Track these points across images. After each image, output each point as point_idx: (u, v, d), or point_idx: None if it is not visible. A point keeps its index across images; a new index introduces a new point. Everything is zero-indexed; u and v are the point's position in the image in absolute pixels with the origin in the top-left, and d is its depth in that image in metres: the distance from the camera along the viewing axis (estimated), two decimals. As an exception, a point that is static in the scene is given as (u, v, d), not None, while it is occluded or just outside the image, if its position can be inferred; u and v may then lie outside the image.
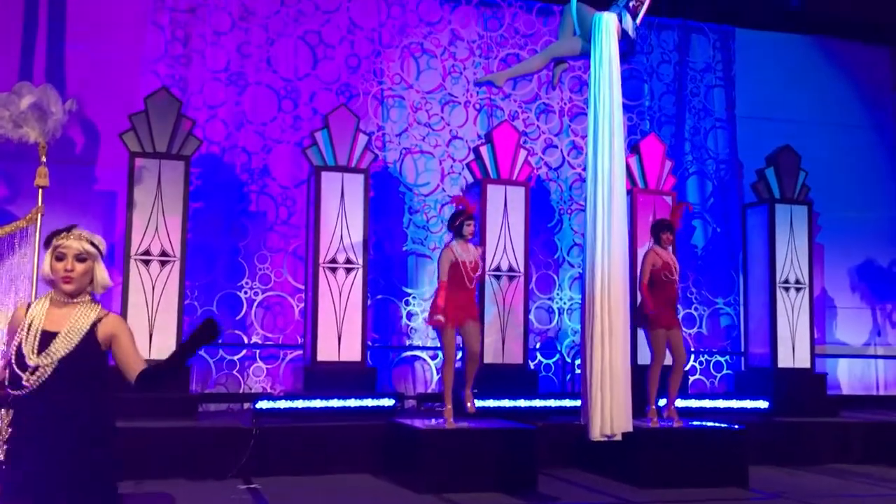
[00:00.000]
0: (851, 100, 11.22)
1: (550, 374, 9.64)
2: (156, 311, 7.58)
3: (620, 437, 5.84)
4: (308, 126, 9.00)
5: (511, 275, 8.65)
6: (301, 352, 8.74)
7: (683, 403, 8.11)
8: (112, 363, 3.15)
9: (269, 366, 8.82)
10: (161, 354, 6.86)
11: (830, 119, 10.99)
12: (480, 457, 6.58)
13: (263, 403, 7.48)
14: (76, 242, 3.11)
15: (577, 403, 6.38)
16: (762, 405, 8.80)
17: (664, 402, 7.43)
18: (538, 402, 8.24)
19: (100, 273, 3.15)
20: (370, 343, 8.60)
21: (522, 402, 8.12)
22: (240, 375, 8.71)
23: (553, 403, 8.29)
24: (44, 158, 7.18)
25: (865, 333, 10.92)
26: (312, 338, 8.08)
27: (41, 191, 7.16)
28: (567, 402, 8.18)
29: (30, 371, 2.98)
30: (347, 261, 8.22)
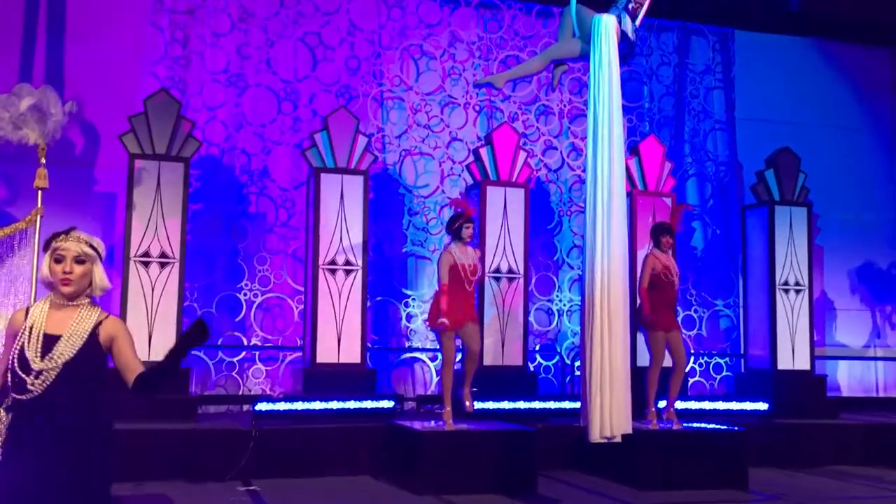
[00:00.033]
0: (851, 102, 11.22)
1: (550, 376, 9.63)
2: (155, 313, 7.58)
3: (620, 439, 5.83)
4: (308, 128, 9.00)
5: (511, 276, 8.65)
6: (300, 353, 8.73)
7: (683, 405, 8.11)
8: (111, 365, 3.15)
9: (269, 367, 8.82)
10: (160, 356, 6.83)
11: (830, 121, 10.99)
12: (480, 459, 6.58)
13: (263, 405, 7.48)
14: (75, 245, 3.11)
15: (577, 405, 6.38)
16: (762, 407, 8.79)
17: (664, 404, 7.43)
18: (538, 404, 8.24)
19: (98, 275, 3.15)
20: (369, 345, 8.60)
21: (522, 404, 8.12)
22: (239, 377, 8.70)
23: (553, 405, 8.30)
24: (43, 160, 7.18)
25: (865, 335, 10.92)
26: (312, 339, 8.07)
27: (40, 192, 7.15)
28: (567, 404, 8.19)
29: (34, 375, 2.98)
30: (347, 262, 8.22)
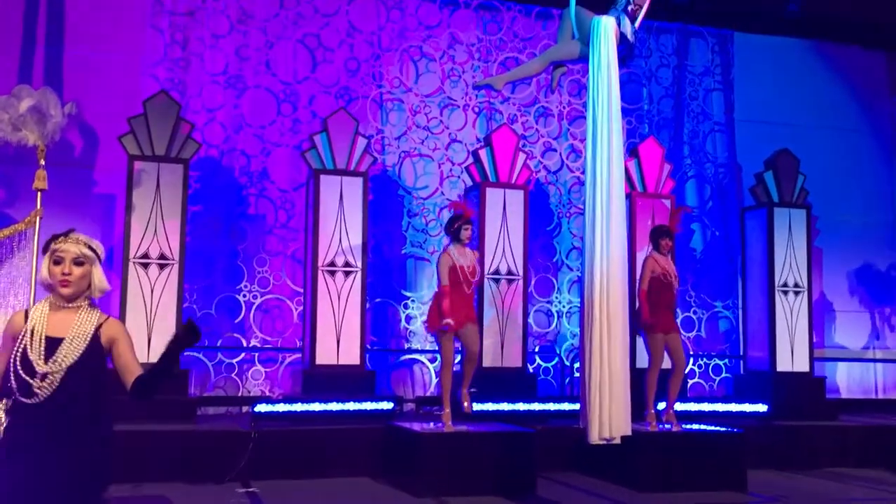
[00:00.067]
0: (849, 103, 11.23)
1: (549, 378, 9.63)
2: (154, 315, 7.58)
3: (619, 441, 5.84)
4: (307, 129, 9.00)
5: (510, 278, 8.65)
6: (300, 355, 8.73)
7: (682, 407, 8.11)
8: (110, 367, 3.15)
9: (268, 369, 8.81)
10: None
11: (828, 123, 11.00)
12: (479, 460, 6.58)
13: (262, 407, 7.47)
14: (74, 246, 3.11)
15: (576, 407, 6.38)
16: (761, 409, 8.80)
17: (663, 406, 7.43)
18: (537, 406, 8.24)
19: (97, 277, 3.15)
20: (369, 346, 8.59)
21: (521, 406, 8.12)
22: (238, 379, 8.70)
23: (552, 407, 8.30)
24: (42, 161, 7.17)
25: (864, 337, 10.92)
26: (311, 341, 8.07)
27: (40, 194, 7.15)
28: (566, 406, 8.19)
29: (39, 378, 2.98)
30: (346, 264, 8.22)
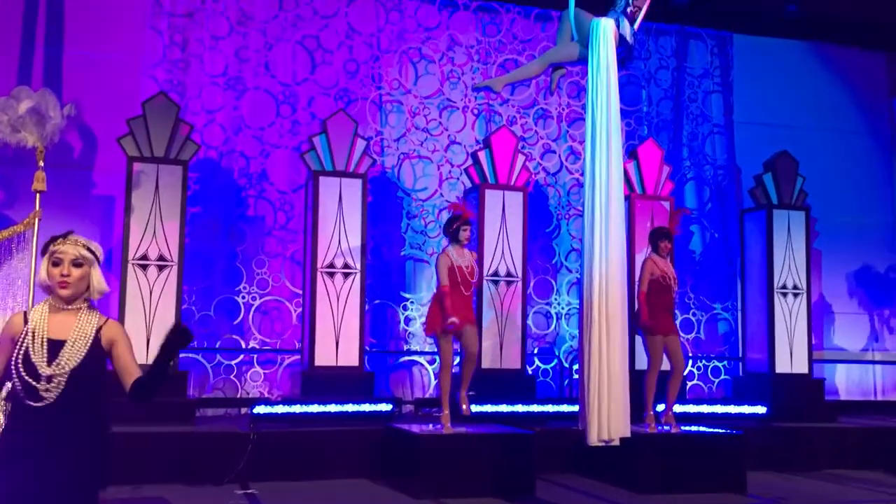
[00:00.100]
0: (848, 105, 11.23)
1: (548, 380, 9.63)
2: (153, 316, 7.57)
3: (618, 443, 5.84)
4: (306, 131, 9.00)
5: (509, 280, 8.65)
6: (299, 356, 8.73)
7: (681, 409, 8.11)
8: (109, 368, 3.15)
9: (267, 371, 8.81)
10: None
11: (828, 124, 11.00)
12: (478, 462, 6.57)
13: (261, 408, 7.47)
14: (72, 248, 3.11)
15: (575, 408, 6.38)
16: (760, 411, 8.80)
17: (662, 408, 7.43)
18: (536, 408, 8.24)
19: (96, 278, 3.15)
20: (368, 348, 8.59)
21: (520, 408, 8.12)
22: (237, 380, 8.70)
23: (551, 408, 8.31)
24: (41, 163, 7.18)
25: (863, 339, 10.92)
26: (310, 342, 8.07)
27: (38, 195, 7.15)
28: (565, 408, 8.20)
29: (45, 381, 2.98)
30: (345, 266, 8.22)
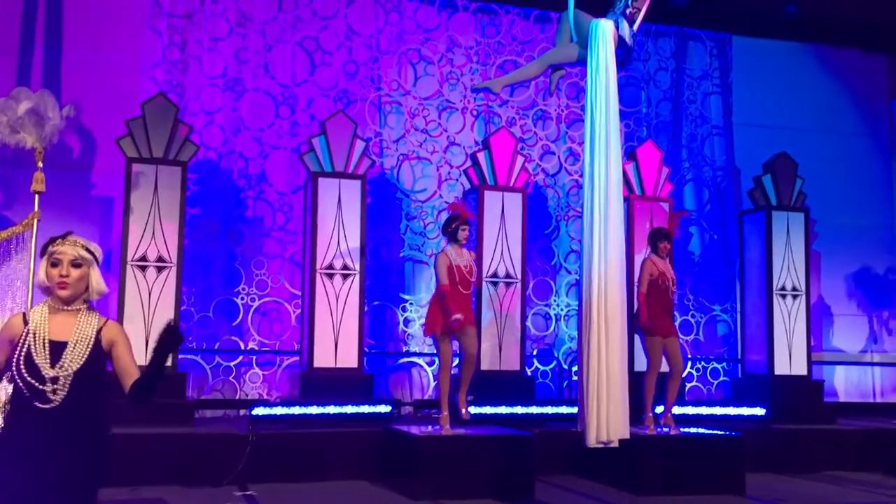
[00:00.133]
0: (848, 107, 11.23)
1: (547, 381, 9.62)
2: (152, 318, 7.55)
3: (617, 444, 5.84)
4: (305, 132, 8.99)
5: (508, 281, 8.65)
6: (297, 358, 8.72)
7: (680, 410, 8.10)
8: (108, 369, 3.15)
9: (266, 372, 8.80)
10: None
11: (827, 126, 11.00)
12: (477, 464, 6.57)
13: (260, 410, 7.47)
14: (71, 248, 3.11)
15: (574, 410, 6.38)
16: (759, 412, 8.80)
17: (661, 410, 7.43)
18: (535, 409, 8.24)
19: (95, 279, 3.15)
20: (367, 349, 8.59)
21: (519, 409, 8.12)
22: (236, 382, 8.69)
23: (550, 410, 8.30)
24: (40, 164, 7.17)
25: (862, 341, 10.92)
26: (309, 344, 8.07)
27: (37, 196, 7.14)
28: (564, 409, 8.19)
29: (51, 383, 2.97)
30: (344, 267, 8.21)
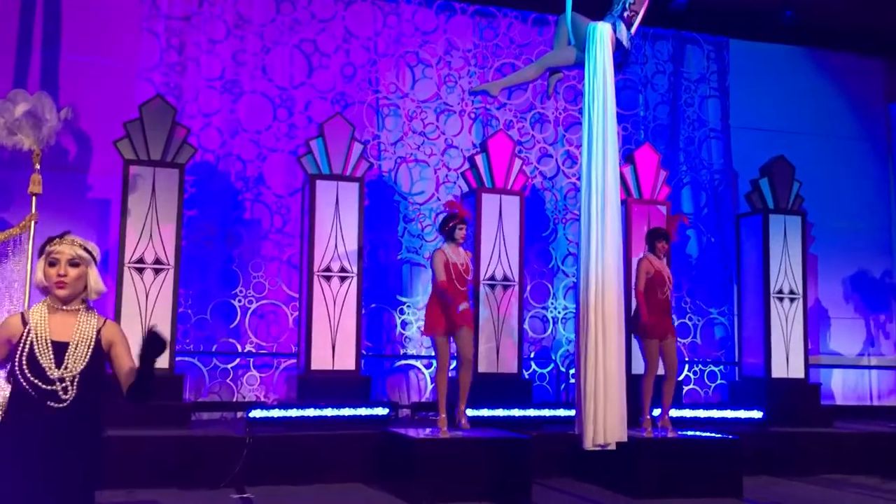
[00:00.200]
0: (845, 111, 11.25)
1: (545, 384, 9.62)
2: (149, 320, 7.54)
3: (614, 447, 5.84)
4: (303, 134, 9.00)
5: (505, 284, 8.65)
6: (295, 360, 8.71)
7: (677, 413, 8.09)
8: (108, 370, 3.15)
9: (263, 374, 8.79)
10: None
11: (824, 130, 11.02)
12: (474, 466, 6.56)
13: (257, 412, 7.46)
14: (69, 248, 3.11)
15: (572, 413, 6.37)
16: (756, 415, 8.80)
17: (658, 412, 7.42)
18: (532, 412, 8.23)
19: (93, 278, 3.15)
20: (364, 352, 8.58)
21: (517, 412, 8.11)
22: (233, 384, 8.68)
23: (547, 413, 8.30)
24: (38, 166, 7.15)
25: (859, 344, 10.93)
26: (306, 346, 8.06)
27: (34, 198, 7.13)
28: (561, 412, 8.18)
29: (58, 382, 2.98)
30: (342, 269, 8.21)
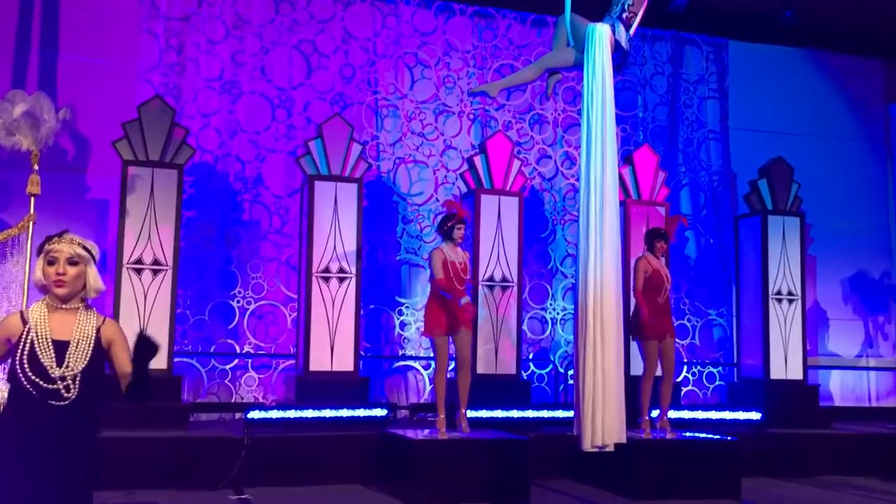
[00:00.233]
0: (844, 112, 11.26)
1: (543, 385, 9.62)
2: (148, 321, 7.54)
3: (612, 448, 5.84)
4: (302, 135, 9.00)
5: (504, 285, 8.64)
6: (293, 361, 8.70)
7: (676, 414, 8.10)
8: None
9: (262, 375, 8.78)
10: (152, 363, 6.81)
11: (823, 131, 11.03)
12: (473, 468, 6.56)
13: (255, 413, 7.45)
14: (67, 246, 3.11)
15: (570, 414, 6.36)
16: (755, 416, 8.80)
17: (657, 413, 7.42)
18: (531, 413, 8.22)
19: (92, 277, 3.15)
20: (363, 353, 8.57)
21: (515, 413, 8.11)
22: (231, 385, 8.67)
23: (546, 414, 8.29)
24: (36, 166, 7.15)
25: (857, 345, 10.94)
26: (305, 347, 8.06)
27: (33, 199, 7.13)
28: (560, 413, 8.18)
29: (60, 381, 2.98)
30: (340, 270, 8.21)
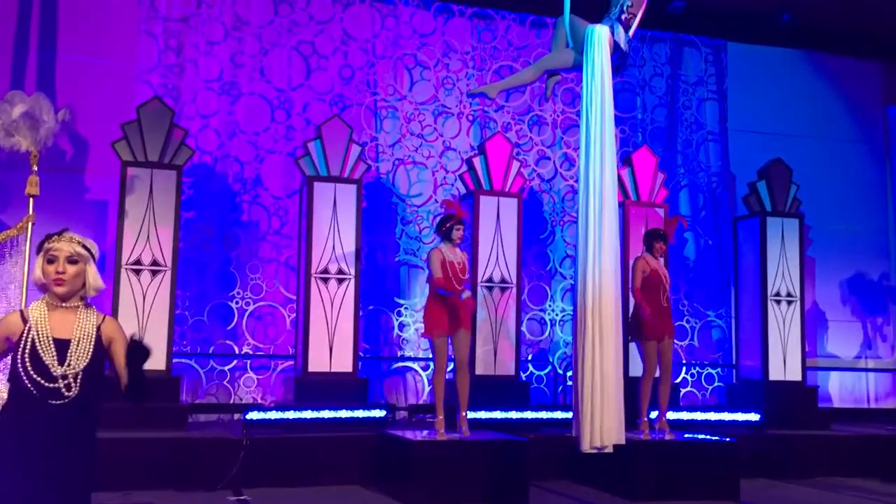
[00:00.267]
0: (842, 113, 11.27)
1: (542, 386, 9.62)
2: (146, 321, 7.54)
3: (611, 450, 5.84)
4: (301, 136, 9.00)
5: (503, 286, 8.65)
6: (292, 362, 8.70)
7: (675, 416, 8.10)
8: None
9: (260, 376, 8.78)
10: (151, 364, 6.80)
11: (822, 133, 11.04)
12: (472, 469, 6.56)
13: (254, 414, 7.45)
14: (67, 245, 3.11)
15: (569, 415, 6.38)
16: (753, 418, 8.80)
17: (656, 415, 7.42)
18: (530, 414, 8.22)
19: (92, 275, 3.16)
20: (361, 354, 8.57)
21: (514, 414, 8.10)
22: (230, 386, 8.67)
23: (545, 415, 8.28)
24: (35, 167, 7.15)
25: (856, 346, 10.94)
26: (304, 348, 8.06)
27: (32, 200, 7.12)
28: (559, 414, 8.18)
29: (61, 379, 2.98)
30: (339, 271, 8.21)
